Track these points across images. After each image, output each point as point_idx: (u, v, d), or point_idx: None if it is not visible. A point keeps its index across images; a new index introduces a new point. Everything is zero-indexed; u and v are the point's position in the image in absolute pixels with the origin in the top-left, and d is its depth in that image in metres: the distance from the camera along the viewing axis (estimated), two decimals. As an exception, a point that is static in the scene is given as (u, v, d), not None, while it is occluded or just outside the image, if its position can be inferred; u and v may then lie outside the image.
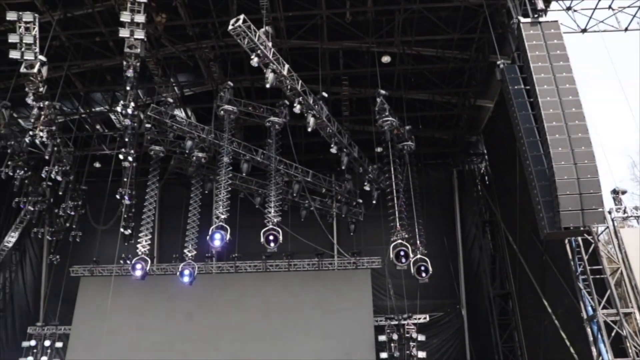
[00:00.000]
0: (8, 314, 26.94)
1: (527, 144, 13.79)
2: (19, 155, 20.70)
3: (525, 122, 14.13)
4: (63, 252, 25.14)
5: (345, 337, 22.43)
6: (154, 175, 22.27)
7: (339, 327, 22.69)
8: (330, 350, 22.14)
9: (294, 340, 22.49)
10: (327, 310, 23.12)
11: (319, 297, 23.41)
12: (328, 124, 19.14)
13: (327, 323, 22.85)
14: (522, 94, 14.55)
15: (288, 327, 22.81)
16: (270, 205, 18.67)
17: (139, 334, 23.34)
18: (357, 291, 23.46)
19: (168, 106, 19.93)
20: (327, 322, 22.87)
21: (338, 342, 22.33)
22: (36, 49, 16.58)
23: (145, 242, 21.43)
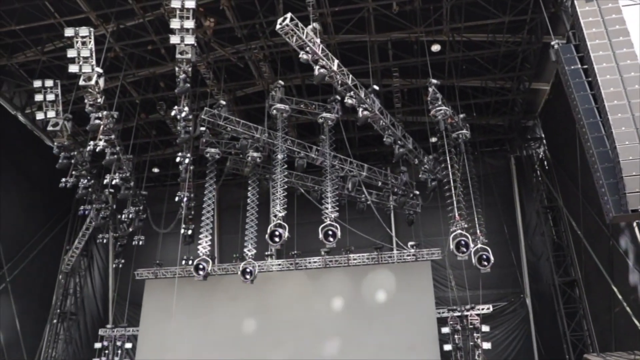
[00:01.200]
0: (80, 317, 28.15)
1: (587, 125, 13.28)
2: (82, 164, 21.41)
3: (584, 102, 13.60)
4: (127, 256, 25.90)
5: (407, 330, 22.27)
6: (211, 177, 22.72)
7: (401, 320, 22.53)
8: (393, 344, 22.01)
9: (356, 335, 22.46)
10: (388, 303, 22.98)
11: (380, 290, 23.25)
12: (381, 117, 18.99)
13: (389, 317, 22.69)
14: (580, 74, 14.01)
15: (350, 322, 22.80)
16: (327, 201, 18.70)
17: (204, 334, 23.77)
18: (418, 283, 23.21)
19: (221, 108, 20.21)
20: (388, 316, 22.71)
21: (401, 336, 22.18)
22: (93, 62, 17.17)
23: (205, 243, 21.87)
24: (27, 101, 24.43)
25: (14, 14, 20.03)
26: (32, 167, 25.09)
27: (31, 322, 25.67)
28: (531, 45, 20.29)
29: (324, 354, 22.30)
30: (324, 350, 22.39)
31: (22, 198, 25.20)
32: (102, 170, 22.34)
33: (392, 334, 22.24)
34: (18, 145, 24.67)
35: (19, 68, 22.84)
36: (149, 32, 20.40)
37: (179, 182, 22.08)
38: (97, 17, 19.66)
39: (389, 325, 22.48)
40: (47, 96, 18.76)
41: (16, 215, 24.82)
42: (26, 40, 21.22)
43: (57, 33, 19.76)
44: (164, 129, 26.06)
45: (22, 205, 25.23)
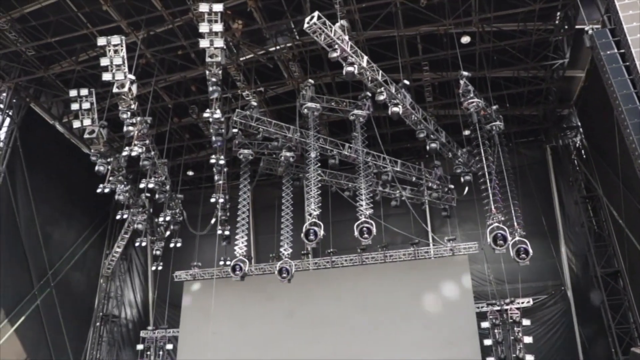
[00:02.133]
0: (122, 319, 28.77)
1: (625, 111, 12.98)
2: (119, 170, 21.79)
3: (622, 88, 13.30)
4: (166, 259, 26.24)
5: (446, 326, 22.08)
6: (245, 178, 22.89)
7: (439, 315, 22.39)
8: (432, 340, 21.88)
9: (394, 332, 22.37)
10: (426, 299, 22.86)
11: (417, 286, 23.13)
12: (412, 112, 18.89)
13: (427, 312, 22.58)
14: (616, 59, 13.71)
15: (388, 318, 22.70)
16: (362, 198, 18.62)
17: (243, 333, 24.00)
18: (456, 278, 23.00)
19: (253, 110, 20.33)
20: (427, 312, 22.60)
21: (439, 331, 22.00)
22: (125, 69, 17.48)
23: (242, 244, 22.06)
24: (64, 110, 25.01)
25: (49, 27, 20.58)
26: (70, 175, 25.68)
27: (75, 324, 26.36)
28: (564, 32, 19.90)
29: (362, 351, 22.24)
30: (362, 347, 22.33)
31: (63, 205, 25.86)
32: (138, 175, 22.73)
33: (430, 330, 22.11)
34: (57, 154, 25.32)
35: (56, 79, 23.39)
36: (179, 37, 20.68)
37: (214, 184, 22.32)
38: (127, 25, 20.04)
39: (428, 321, 22.37)
40: (83, 105, 19.15)
41: (58, 222, 25.49)
42: (61, 51, 21.75)
43: (90, 43, 20.19)
44: (197, 132, 26.37)
45: (62, 213, 25.89)
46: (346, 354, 22.23)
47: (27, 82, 23.23)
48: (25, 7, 19.92)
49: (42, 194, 24.26)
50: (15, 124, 22.89)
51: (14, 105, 23.04)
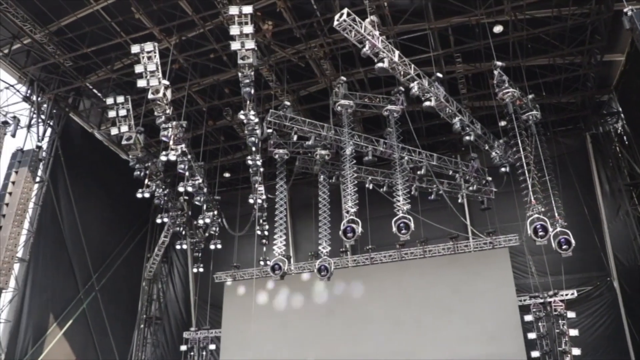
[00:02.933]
0: (165, 321, 29.25)
1: (670, 93, 12.58)
2: (157, 174, 22.17)
3: (665, 70, 12.90)
4: (206, 261, 26.63)
5: (489, 320, 21.80)
6: (281, 177, 22.99)
7: (481, 310, 22.09)
8: (475, 335, 21.62)
9: (436, 327, 22.21)
10: (467, 293, 22.56)
11: (458, 281, 22.87)
12: (447, 105, 18.69)
13: (469, 307, 22.29)
14: (658, 39, 13.31)
15: (429, 314, 22.55)
16: (398, 194, 18.52)
17: (284, 332, 24.14)
18: (497, 271, 22.69)
19: (286, 109, 20.41)
20: (468, 306, 22.32)
21: (482, 326, 21.74)
22: (159, 75, 17.73)
23: (280, 243, 22.15)
24: (102, 118, 25.54)
25: (85, 38, 21.14)
26: (110, 181, 26.21)
27: (120, 327, 26.93)
28: (601, 15, 19.31)
29: (404, 348, 22.12)
30: (404, 344, 22.23)
31: (104, 211, 26.41)
32: (176, 178, 23.04)
33: (473, 325, 21.85)
34: (96, 161, 25.89)
35: (92, 88, 23.93)
36: (210, 41, 20.92)
37: (250, 185, 22.48)
38: (160, 32, 20.36)
39: (469, 315, 22.09)
40: (120, 112, 19.52)
41: (99, 228, 26.03)
42: (97, 60, 22.25)
43: (124, 51, 20.59)
44: (232, 134, 26.60)
45: (104, 218, 26.43)
46: (388, 351, 22.16)
47: (66, 93, 23.82)
48: (62, 20, 20.51)
49: (84, 201, 24.85)
50: (56, 134, 23.47)
51: (54, 116, 23.63)
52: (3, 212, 19.78)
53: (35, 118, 22.77)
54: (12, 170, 20.65)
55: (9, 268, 19.34)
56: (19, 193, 20.14)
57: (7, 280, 19.36)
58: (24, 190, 20.31)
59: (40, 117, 22.92)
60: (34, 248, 21.76)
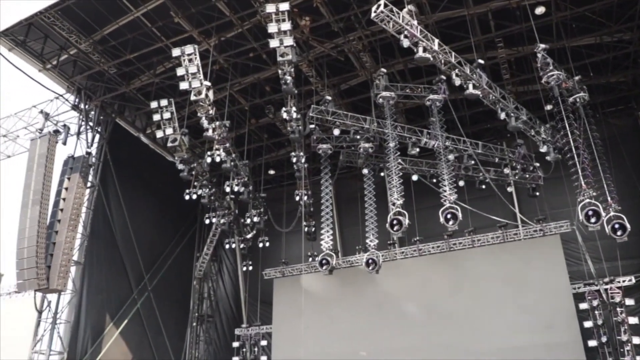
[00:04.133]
0: (217, 319, 29.74)
1: None
2: (202, 175, 22.51)
3: None
4: (254, 258, 26.94)
5: (542, 309, 21.24)
6: (326, 172, 23.06)
7: (534, 299, 21.56)
8: (528, 324, 21.12)
9: (488, 317, 21.81)
10: (519, 282, 22.08)
11: (509, 270, 22.42)
12: (490, 91, 18.36)
13: (521, 296, 21.81)
14: None
15: (480, 304, 22.14)
16: (444, 184, 18.33)
17: (334, 326, 24.15)
18: (549, 259, 22.13)
19: (328, 104, 20.42)
20: (520, 295, 21.83)
21: (535, 315, 21.21)
22: (200, 76, 18.04)
23: (327, 238, 22.24)
24: (147, 122, 26.11)
25: (127, 45, 21.62)
26: (157, 183, 26.75)
27: (173, 325, 27.50)
28: (651, -13, 18.63)
29: (456, 339, 21.82)
30: (456, 335, 21.91)
31: (153, 213, 26.98)
32: (221, 178, 23.34)
33: (526, 314, 21.34)
34: (144, 164, 26.45)
35: (137, 93, 24.41)
36: (249, 40, 21.09)
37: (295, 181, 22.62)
38: (199, 34, 20.66)
39: (522, 305, 21.58)
40: (164, 115, 19.91)
41: (149, 229, 26.60)
42: (140, 66, 22.74)
43: (166, 55, 21.02)
44: (275, 131, 26.76)
45: (153, 220, 27.00)
46: (439, 343, 21.93)
47: (112, 99, 24.40)
48: (105, 29, 21.05)
49: (133, 204, 25.44)
50: (104, 140, 24.09)
51: (102, 122, 24.25)
52: (58, 217, 20.38)
53: (84, 125, 23.42)
54: (64, 177, 21.25)
55: (66, 271, 19.92)
56: (72, 198, 20.71)
57: (65, 282, 19.95)
58: (76, 196, 20.86)
59: (89, 124, 23.55)
60: (88, 251, 22.42)
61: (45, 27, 21.05)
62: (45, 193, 20.50)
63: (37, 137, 21.82)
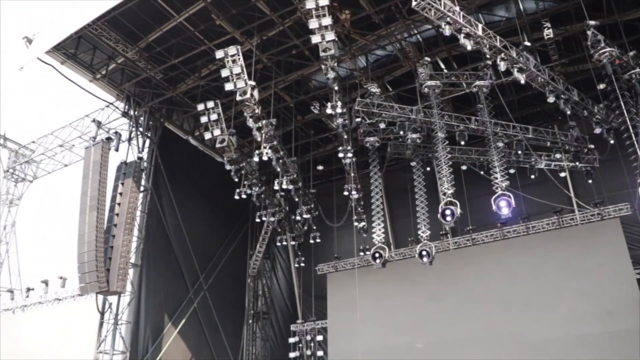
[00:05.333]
0: (272, 316, 30.06)
1: None
2: (252, 174, 22.74)
3: None
4: (307, 254, 27.08)
5: (603, 296, 20.55)
6: (374, 165, 22.98)
7: (594, 285, 20.93)
8: (589, 310, 20.52)
9: (546, 305, 21.25)
10: (577, 268, 21.47)
11: (566, 256, 21.81)
12: (538, 74, 17.93)
13: (580, 282, 21.20)
14: None
15: (537, 292, 21.63)
16: (496, 171, 18.02)
17: (390, 319, 24.06)
18: (608, 244, 21.41)
19: (373, 96, 20.31)
20: (579, 282, 21.23)
21: (596, 301, 20.57)
22: (245, 76, 18.16)
23: (379, 231, 22.17)
24: (195, 124, 26.54)
25: (172, 50, 22.01)
26: (208, 184, 27.16)
27: (230, 323, 27.89)
28: None
29: (515, 328, 21.39)
30: (514, 324, 21.48)
31: (205, 214, 27.43)
32: (271, 176, 23.52)
33: (585, 301, 20.72)
34: (194, 166, 26.93)
35: (183, 96, 24.81)
36: (291, 38, 21.13)
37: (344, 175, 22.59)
38: (241, 35, 20.83)
39: (581, 292, 20.96)
40: (211, 116, 20.13)
41: (202, 229, 27.08)
42: (185, 70, 23.10)
43: (210, 57, 21.26)
44: (321, 126, 26.78)
45: (205, 220, 27.46)
46: (497, 332, 21.57)
47: (160, 104, 24.89)
48: (150, 36, 21.45)
49: (186, 205, 25.93)
50: (154, 144, 24.62)
51: (151, 127, 24.78)
52: (115, 221, 20.97)
53: (134, 131, 23.98)
54: (118, 182, 21.85)
55: (124, 273, 20.50)
56: (126, 203, 21.26)
57: (124, 284, 20.55)
58: (130, 200, 21.40)
59: (139, 129, 24.10)
60: (144, 253, 22.96)
61: (93, 39, 21.67)
62: (101, 199, 21.13)
63: (91, 145, 22.51)
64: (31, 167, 30.02)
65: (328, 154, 27.90)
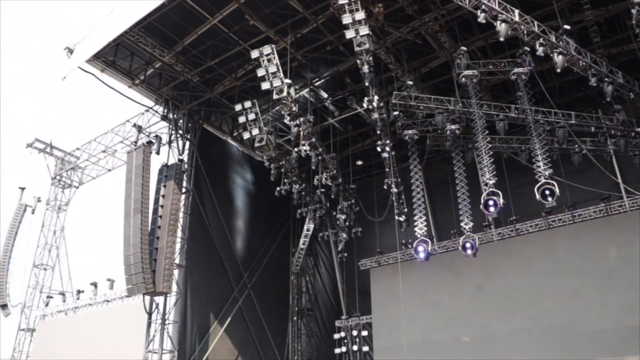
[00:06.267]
0: (317, 312, 30.22)
1: None
2: (291, 171, 22.84)
3: None
4: (349, 249, 27.00)
5: (657, 284, 19.95)
6: (414, 158, 22.80)
7: (647, 273, 20.30)
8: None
9: (596, 295, 20.57)
10: (627, 257, 20.67)
11: (616, 244, 21.07)
12: (579, 57, 17.41)
13: (633, 271, 20.45)
14: None
15: (586, 282, 20.97)
16: (538, 159, 17.64)
17: (435, 313, 23.79)
18: (659, 230, 20.72)
19: (409, 89, 20.12)
20: (632, 270, 20.43)
21: (650, 291, 19.95)
22: (280, 75, 18.23)
23: (421, 224, 22.00)
24: (233, 125, 26.83)
25: (207, 52, 22.34)
26: (249, 183, 27.49)
27: (274, 320, 28.15)
28: None
29: (564, 319, 20.82)
30: (563, 314, 20.90)
31: (247, 213, 27.76)
32: (310, 172, 23.59)
33: (637, 291, 19.92)
34: (234, 166, 27.30)
35: (221, 97, 25.09)
36: (325, 34, 21.13)
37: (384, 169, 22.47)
38: (275, 34, 20.94)
39: (632, 281, 20.08)
40: (249, 116, 20.27)
41: (245, 229, 27.43)
42: (221, 71, 23.40)
43: (245, 58, 21.43)
44: (359, 121, 26.64)
45: (247, 220, 27.78)
46: (545, 324, 21.03)
47: (198, 106, 25.27)
48: (185, 40, 21.77)
49: (227, 205, 26.27)
50: (194, 146, 25.00)
51: (190, 129, 25.17)
52: (158, 223, 21.40)
53: (174, 134, 24.42)
54: (160, 185, 22.29)
55: (169, 274, 20.89)
56: (169, 205, 21.65)
57: (169, 285, 20.94)
58: (173, 202, 21.78)
59: (178, 132, 24.53)
60: (188, 254, 23.36)
61: (130, 45, 22.14)
62: (145, 201, 21.59)
63: (133, 150, 23.02)
64: (77, 173, 30.97)
65: (367, 149, 27.78)
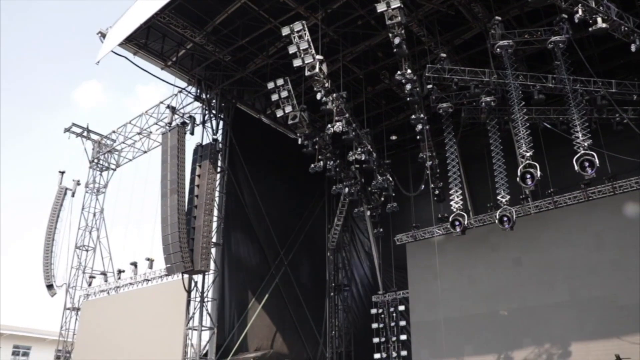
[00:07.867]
0: (353, 287, 30.45)
1: None
2: (326, 148, 22.81)
3: None
4: (385, 224, 27.01)
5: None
6: (449, 132, 22.54)
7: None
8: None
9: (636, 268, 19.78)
10: (672, 229, 20.27)
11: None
12: (621, 22, 16.79)
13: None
14: None
15: (626, 255, 20.36)
16: (577, 130, 17.25)
17: (472, 287, 23.72)
18: None
19: (443, 61, 19.81)
20: (675, 243, 20.05)
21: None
22: (312, 51, 18.15)
23: (457, 198, 21.84)
24: (266, 103, 26.89)
25: (238, 31, 22.32)
26: (283, 161, 27.50)
27: (312, 296, 28.41)
28: None
29: (602, 292, 20.43)
30: (601, 287, 20.51)
31: (282, 190, 27.89)
32: (344, 148, 23.55)
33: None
34: (268, 144, 27.38)
35: (253, 76, 25.14)
36: (355, 8, 20.88)
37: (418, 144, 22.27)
38: (305, 10, 20.79)
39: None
40: (281, 94, 20.28)
41: (280, 206, 27.56)
42: (252, 50, 23.41)
43: (276, 35, 21.32)
44: (392, 96, 26.46)
45: (283, 197, 27.91)
46: (584, 297, 20.75)
47: (230, 85, 25.33)
48: (216, 19, 21.81)
49: (262, 183, 26.41)
50: (227, 125, 25.15)
51: (224, 109, 25.29)
52: (195, 203, 21.70)
53: (208, 114, 24.59)
54: (196, 165, 22.53)
55: (207, 253, 21.23)
56: (205, 184, 21.91)
57: (207, 263, 21.31)
58: (209, 181, 22.03)
59: (212, 112, 24.69)
60: (225, 232, 23.67)
61: (162, 27, 22.28)
62: (181, 182, 21.90)
63: (167, 131, 23.31)
64: (113, 155, 31.56)
65: (401, 123, 27.53)
